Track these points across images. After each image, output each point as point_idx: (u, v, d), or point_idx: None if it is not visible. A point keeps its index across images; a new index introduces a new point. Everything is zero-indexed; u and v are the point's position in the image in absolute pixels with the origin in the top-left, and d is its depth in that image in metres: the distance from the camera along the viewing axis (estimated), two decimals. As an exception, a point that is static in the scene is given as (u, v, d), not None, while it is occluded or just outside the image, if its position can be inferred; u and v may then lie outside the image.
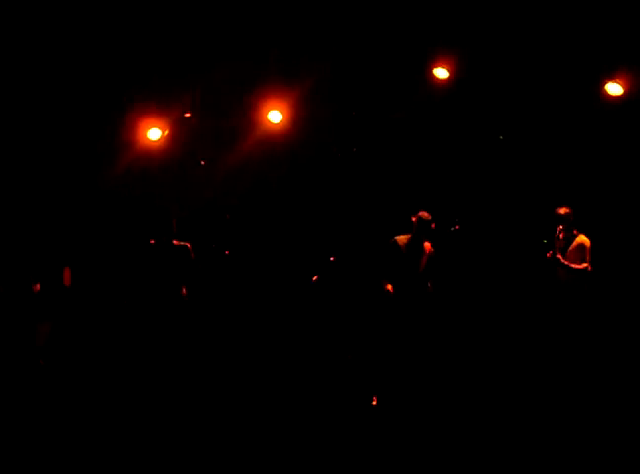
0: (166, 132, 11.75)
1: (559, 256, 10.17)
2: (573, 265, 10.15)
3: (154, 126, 11.70)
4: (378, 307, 10.36)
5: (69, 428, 8.13)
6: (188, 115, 11.81)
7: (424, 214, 10.23)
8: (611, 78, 10.72)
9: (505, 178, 11.82)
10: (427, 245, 10.28)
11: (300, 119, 11.86)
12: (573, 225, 10.29)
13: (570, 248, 10.27)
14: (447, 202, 11.54)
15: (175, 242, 10.01)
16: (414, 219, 10.25)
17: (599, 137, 11.26)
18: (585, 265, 10.16)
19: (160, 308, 10.02)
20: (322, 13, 11.12)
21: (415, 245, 10.26)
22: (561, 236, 10.24)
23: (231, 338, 10.78)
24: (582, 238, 10.28)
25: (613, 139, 11.23)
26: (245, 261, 11.91)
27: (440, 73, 11.25)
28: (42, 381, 9.69)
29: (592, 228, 10.60)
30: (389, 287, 10.16)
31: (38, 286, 10.25)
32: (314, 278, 11.09)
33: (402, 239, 10.36)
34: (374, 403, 9.33)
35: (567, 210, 10.29)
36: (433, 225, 10.18)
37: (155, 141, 11.77)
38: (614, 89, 10.76)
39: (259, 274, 11.88)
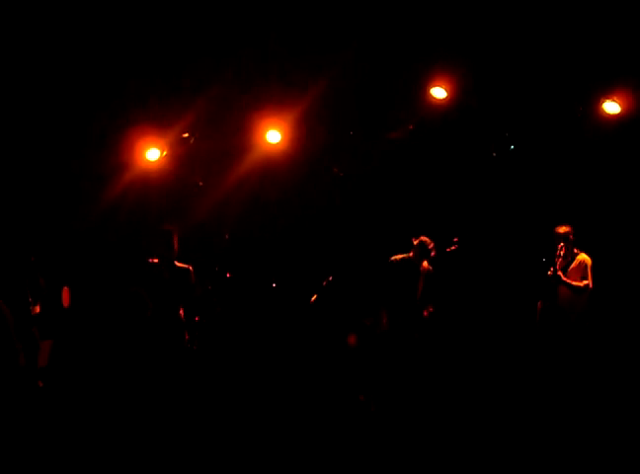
0: (165, 153, 11.77)
1: (560, 273, 10.18)
2: (574, 283, 10.16)
3: (152, 147, 11.73)
4: (374, 335, 10.41)
5: (68, 447, 8.10)
6: (186, 135, 11.82)
7: (426, 239, 10.29)
8: (609, 96, 10.75)
9: (503, 196, 11.86)
10: (424, 264, 10.33)
11: (298, 139, 11.88)
12: (573, 244, 10.31)
13: (571, 266, 10.29)
14: (445, 221, 11.55)
15: (177, 264, 9.97)
16: (415, 242, 10.30)
17: (598, 156, 11.29)
18: (586, 282, 10.17)
19: (158, 329, 9.97)
20: (319, 32, 11.14)
21: (413, 267, 10.33)
22: (562, 254, 10.24)
23: (230, 357, 10.77)
24: (583, 256, 10.31)
25: (612, 157, 11.26)
26: (244, 281, 11.91)
27: (438, 93, 11.28)
28: (42, 402, 9.66)
29: (592, 246, 10.63)
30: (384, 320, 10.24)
31: (38, 308, 10.23)
32: (312, 299, 11.08)
33: (399, 260, 10.41)
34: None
35: (567, 229, 10.31)
36: (433, 253, 10.24)
37: (154, 162, 11.79)
38: (612, 107, 10.79)
39: (258, 294, 11.88)
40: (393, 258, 10.54)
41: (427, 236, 10.40)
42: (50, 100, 11.44)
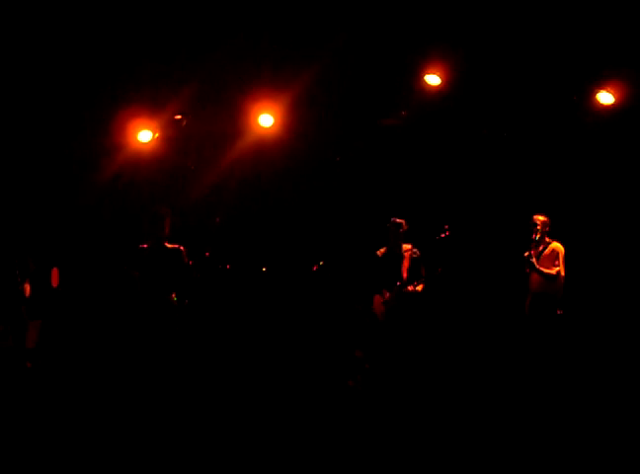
0: (157, 135, 11.73)
1: (534, 260, 10.23)
2: (546, 270, 10.19)
3: (145, 129, 11.69)
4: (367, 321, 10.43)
5: (58, 430, 8.07)
6: (179, 117, 11.77)
7: (394, 220, 10.39)
8: (603, 87, 10.76)
9: (495, 184, 11.87)
10: (406, 247, 10.38)
11: (291, 123, 11.86)
12: (548, 233, 10.35)
13: (544, 254, 10.32)
14: (438, 208, 11.56)
15: (167, 245, 9.89)
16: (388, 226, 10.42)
17: (591, 145, 11.31)
18: (557, 269, 10.20)
19: (151, 311, 9.91)
20: (314, 16, 11.10)
21: (393, 252, 10.39)
22: (536, 240, 10.30)
23: (223, 342, 10.76)
24: (556, 244, 10.32)
25: (606, 147, 11.28)
26: (236, 265, 11.89)
27: (432, 80, 11.26)
28: (31, 383, 9.64)
29: (581, 236, 10.66)
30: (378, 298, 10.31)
31: (28, 288, 10.18)
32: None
33: (381, 251, 10.50)
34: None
35: (544, 218, 10.35)
36: (404, 227, 10.33)
37: (146, 143, 11.75)
38: (605, 98, 10.80)
39: (250, 278, 11.87)
40: (378, 251, 10.62)
41: (404, 218, 10.48)
42: (42, 82, 11.38)
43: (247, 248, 12.44)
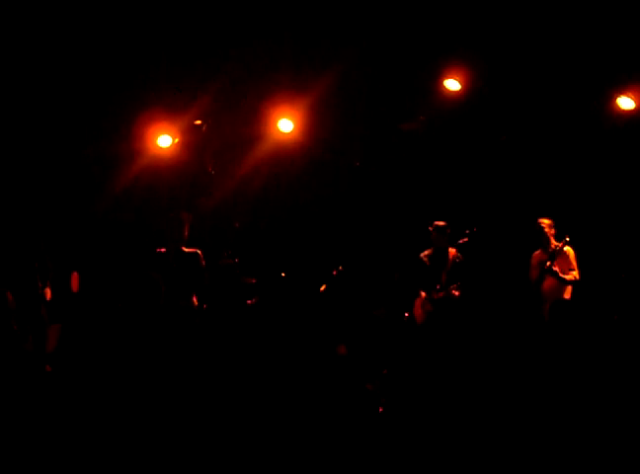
0: (176, 140, 11.77)
1: (557, 268, 10.19)
2: (567, 277, 10.15)
3: (164, 133, 11.73)
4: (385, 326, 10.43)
5: (74, 433, 8.09)
6: (199, 122, 11.81)
7: (438, 222, 10.40)
8: (623, 92, 10.70)
9: (515, 189, 11.83)
10: (452, 251, 10.41)
11: (311, 129, 11.87)
12: (555, 236, 10.34)
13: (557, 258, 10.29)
14: (458, 213, 11.53)
15: (184, 249, 9.92)
16: (431, 229, 10.40)
17: (612, 150, 11.26)
18: (574, 274, 10.17)
19: (170, 316, 9.93)
20: (333, 21, 11.11)
21: (438, 255, 10.42)
22: (556, 249, 10.25)
23: (240, 346, 10.75)
24: (567, 248, 10.29)
25: (626, 153, 11.22)
26: (255, 270, 11.90)
27: (451, 85, 11.25)
28: (50, 387, 9.66)
29: (597, 239, 10.64)
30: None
31: (49, 292, 10.22)
32: (322, 288, 11.08)
33: (425, 253, 10.54)
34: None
35: (549, 221, 10.36)
36: (448, 230, 10.34)
37: (165, 148, 11.79)
38: (626, 103, 10.74)
39: (268, 283, 11.86)
40: (422, 254, 10.66)
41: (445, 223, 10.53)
42: (64, 86, 11.45)
43: (266, 253, 12.44)
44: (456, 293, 10.33)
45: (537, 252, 10.54)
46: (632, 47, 10.31)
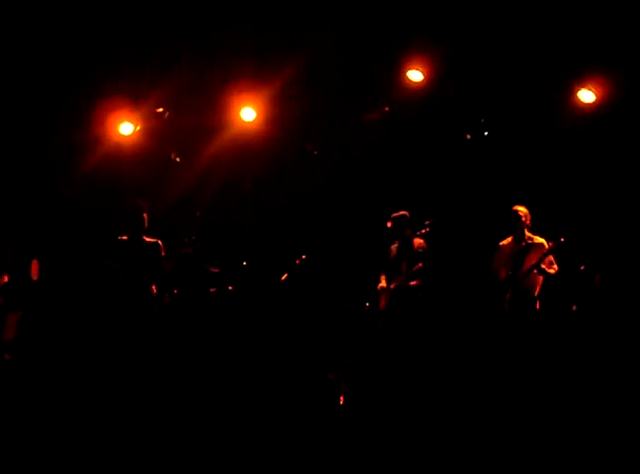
0: (138, 127, 11.71)
1: (544, 266, 10.05)
2: (551, 271, 10.05)
3: (126, 121, 11.66)
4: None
5: (36, 423, 8.04)
6: (160, 110, 11.75)
7: (395, 214, 10.45)
8: (584, 85, 10.79)
9: (476, 180, 11.89)
10: (417, 241, 10.41)
11: (273, 118, 11.85)
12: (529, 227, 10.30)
13: (531, 250, 10.19)
14: (419, 203, 11.57)
15: (145, 238, 9.87)
16: (389, 223, 10.44)
17: (572, 144, 11.34)
18: (556, 268, 10.11)
19: (128, 304, 9.88)
20: (297, 9, 11.08)
21: (403, 246, 10.45)
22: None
23: (199, 336, 10.73)
24: (541, 240, 10.21)
25: (587, 146, 11.31)
26: (217, 259, 11.86)
27: (414, 76, 11.27)
28: (8, 376, 9.59)
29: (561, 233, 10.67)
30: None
31: (5, 278, 10.12)
32: (283, 277, 11.07)
33: (394, 245, 10.56)
34: (341, 402, 9.35)
35: (526, 210, 10.25)
36: (407, 218, 10.39)
37: (127, 136, 11.73)
38: (587, 96, 10.83)
39: (231, 272, 11.85)
40: (391, 245, 10.68)
41: (406, 213, 10.54)
42: (23, 73, 11.33)
43: (227, 242, 12.42)
44: (412, 283, 10.34)
45: (507, 241, 10.29)
46: (594, 39, 10.38)
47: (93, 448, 7.33)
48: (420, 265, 10.35)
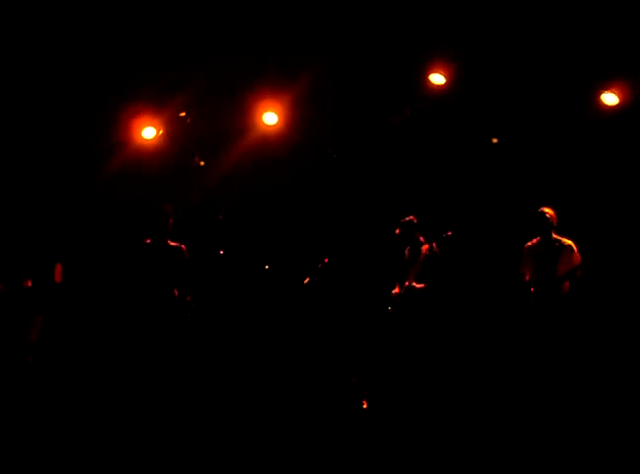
0: (161, 131, 11.76)
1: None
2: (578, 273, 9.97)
3: (149, 125, 11.71)
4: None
5: (57, 426, 8.08)
6: (183, 114, 11.79)
7: (404, 219, 10.47)
8: (607, 88, 10.74)
9: (500, 183, 11.84)
10: (426, 246, 10.40)
11: (296, 121, 11.86)
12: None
13: (563, 254, 10.12)
14: (442, 206, 11.55)
15: (170, 242, 9.91)
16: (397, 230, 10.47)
17: (596, 146, 11.28)
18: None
19: (152, 308, 9.90)
20: (319, 13, 11.10)
21: (414, 249, 10.44)
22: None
23: (224, 339, 10.76)
24: (569, 241, 10.14)
25: (610, 148, 11.24)
26: (239, 262, 11.89)
27: (437, 79, 11.26)
28: (32, 378, 9.64)
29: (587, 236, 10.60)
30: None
31: (29, 282, 10.18)
32: (306, 281, 11.07)
33: (408, 248, 10.57)
34: (365, 406, 9.33)
35: (553, 212, 10.19)
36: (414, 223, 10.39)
37: (150, 140, 11.77)
38: (610, 99, 10.78)
39: (252, 275, 11.87)
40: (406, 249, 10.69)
41: (413, 217, 10.55)
42: (45, 81, 11.41)
43: (250, 245, 12.43)
44: (417, 286, 10.32)
45: (533, 243, 10.14)
46: (618, 42, 10.33)
47: (116, 447, 7.37)
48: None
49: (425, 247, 10.43)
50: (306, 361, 10.29)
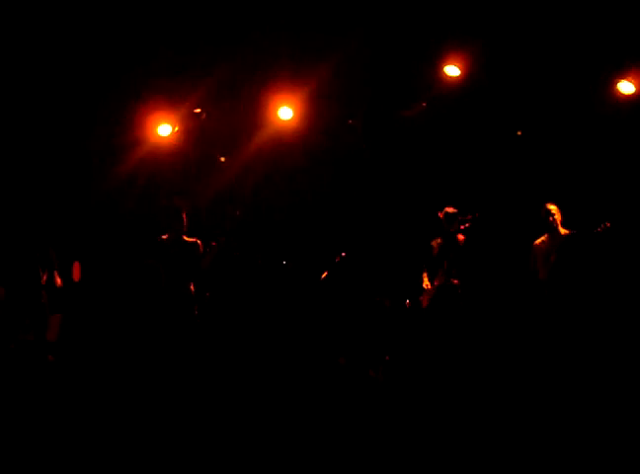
0: (176, 128, 11.77)
1: None
2: None
3: (164, 122, 11.72)
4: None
5: (75, 424, 8.09)
6: (198, 110, 11.80)
7: (448, 209, 10.35)
8: (624, 76, 10.67)
9: (517, 176, 11.78)
10: (461, 238, 10.35)
11: (311, 116, 11.85)
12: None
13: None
14: (460, 200, 11.50)
15: (185, 238, 9.94)
16: (441, 215, 10.35)
17: (611, 136, 11.20)
18: None
19: (169, 304, 9.94)
20: (333, 8, 11.08)
21: (447, 242, 10.36)
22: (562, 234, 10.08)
23: (239, 335, 10.75)
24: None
25: (627, 138, 11.16)
26: (256, 258, 11.90)
27: (452, 71, 11.22)
28: (52, 377, 9.67)
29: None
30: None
31: (58, 280, 10.19)
32: (323, 275, 11.06)
33: (437, 240, 10.48)
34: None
35: (556, 207, 10.19)
36: (459, 217, 10.32)
37: (165, 137, 11.79)
38: (627, 87, 10.71)
39: (269, 270, 11.87)
40: (433, 241, 10.61)
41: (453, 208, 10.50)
42: (63, 77, 11.44)
43: (268, 241, 12.44)
44: (455, 281, 10.27)
45: (542, 240, 10.26)
46: (633, 32, 10.27)
47: (136, 446, 7.39)
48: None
49: (461, 238, 10.36)
50: (325, 355, 10.28)
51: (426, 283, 10.54)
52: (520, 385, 9.10)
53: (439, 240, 10.58)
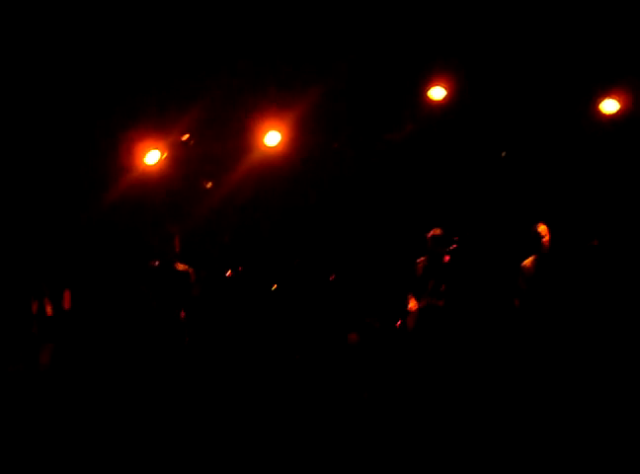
0: (164, 155, 11.79)
1: None
2: None
3: (152, 149, 11.75)
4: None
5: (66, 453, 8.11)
6: (186, 137, 11.83)
7: (436, 230, 10.39)
8: (608, 95, 10.77)
9: (502, 196, 11.85)
10: (446, 259, 10.37)
11: (297, 141, 11.90)
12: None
13: None
14: (445, 221, 11.55)
15: (177, 265, 9.96)
16: (428, 237, 10.40)
17: (597, 154, 11.29)
18: None
19: (159, 331, 9.95)
20: (318, 34, 11.17)
21: (432, 263, 10.39)
22: None
23: (231, 355, 10.77)
24: None
25: (611, 156, 11.26)
26: (245, 283, 11.92)
27: (436, 93, 11.29)
28: (44, 404, 9.65)
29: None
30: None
31: (49, 308, 10.19)
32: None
33: (421, 259, 10.50)
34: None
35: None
36: (444, 238, 10.33)
37: (153, 164, 11.81)
38: (611, 106, 10.81)
39: (259, 295, 11.88)
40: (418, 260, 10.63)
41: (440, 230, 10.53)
42: (49, 102, 11.46)
43: (257, 266, 12.45)
44: (439, 303, 10.29)
45: (530, 260, 10.26)
46: (616, 50, 10.38)
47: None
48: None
49: (447, 259, 10.39)
50: (316, 376, 10.30)
51: (411, 305, 10.55)
52: (507, 404, 9.15)
53: (424, 260, 10.59)
